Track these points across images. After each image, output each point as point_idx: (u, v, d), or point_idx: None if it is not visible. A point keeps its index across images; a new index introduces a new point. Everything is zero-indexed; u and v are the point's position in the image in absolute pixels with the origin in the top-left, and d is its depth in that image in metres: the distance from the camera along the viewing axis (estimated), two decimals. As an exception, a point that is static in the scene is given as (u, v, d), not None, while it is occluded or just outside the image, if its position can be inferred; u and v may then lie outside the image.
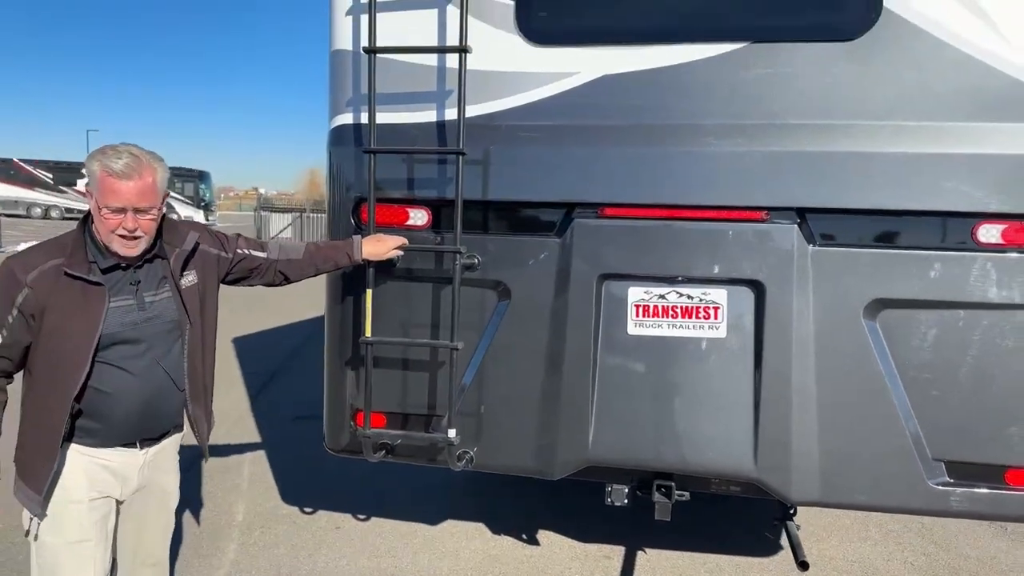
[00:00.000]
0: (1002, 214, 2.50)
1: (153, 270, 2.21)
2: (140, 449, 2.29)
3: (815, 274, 2.61)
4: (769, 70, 2.63)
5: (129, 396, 2.16)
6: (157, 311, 2.20)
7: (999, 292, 2.52)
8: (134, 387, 2.16)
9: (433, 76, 2.85)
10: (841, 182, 2.58)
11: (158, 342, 2.20)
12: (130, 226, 2.05)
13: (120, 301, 2.12)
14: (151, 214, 2.09)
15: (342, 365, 3.04)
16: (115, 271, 2.13)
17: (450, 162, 2.81)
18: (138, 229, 2.07)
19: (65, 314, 2.06)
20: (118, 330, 2.11)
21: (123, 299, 2.13)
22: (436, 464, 3.00)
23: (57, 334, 2.06)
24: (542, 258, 2.79)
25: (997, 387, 2.56)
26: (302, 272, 2.68)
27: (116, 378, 2.13)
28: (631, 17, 2.77)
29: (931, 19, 2.51)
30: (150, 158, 2.08)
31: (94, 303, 2.07)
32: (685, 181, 2.67)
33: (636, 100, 2.70)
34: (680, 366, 2.71)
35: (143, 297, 2.17)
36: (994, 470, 2.61)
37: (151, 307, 2.18)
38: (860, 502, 2.69)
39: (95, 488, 2.22)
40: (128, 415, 2.18)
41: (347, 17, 2.92)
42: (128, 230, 2.05)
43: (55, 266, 2.06)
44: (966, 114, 2.52)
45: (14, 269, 2.06)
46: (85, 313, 2.06)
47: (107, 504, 2.27)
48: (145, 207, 2.06)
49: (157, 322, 2.20)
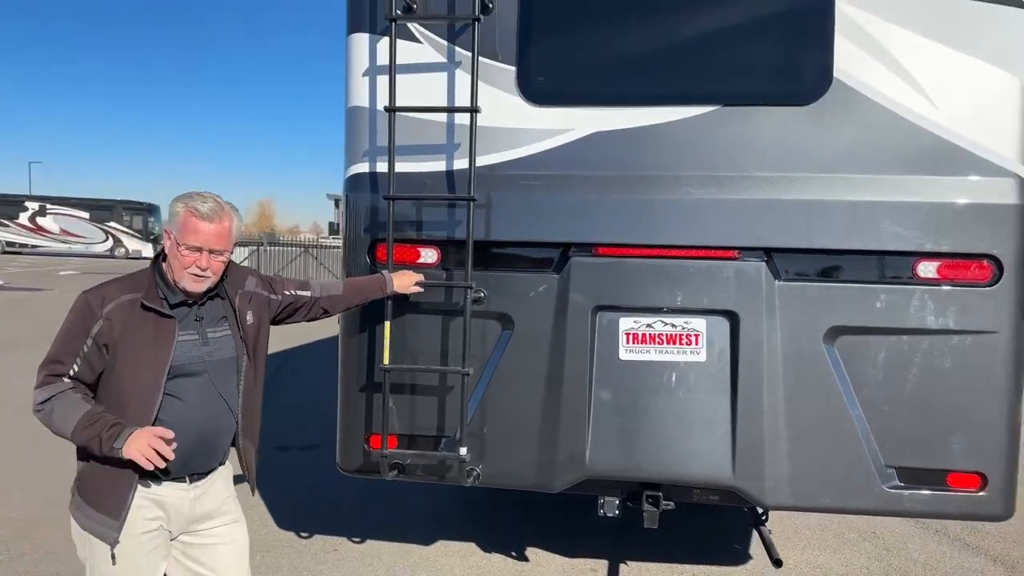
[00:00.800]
0: (936, 252, 2.94)
1: (214, 308, 2.42)
2: (189, 484, 2.40)
3: (781, 305, 3.01)
4: (738, 129, 3.05)
5: (188, 427, 2.30)
6: (218, 346, 2.39)
7: (936, 319, 2.95)
8: (193, 418, 2.32)
9: (443, 131, 3.20)
10: (801, 226, 2.99)
11: (218, 376, 2.38)
12: (203, 265, 2.27)
13: (186, 336, 2.31)
14: (223, 256, 2.32)
15: (357, 392, 3.31)
16: (181, 307, 2.33)
17: (458, 207, 3.14)
18: (209, 269, 2.29)
19: (137, 345, 2.24)
20: (184, 362, 2.29)
21: (188, 334, 2.32)
22: (445, 481, 3.27)
23: (129, 363, 2.24)
24: (542, 291, 3.13)
25: (938, 401, 2.98)
26: (342, 306, 2.94)
27: (177, 408, 2.29)
28: (618, 82, 3.17)
29: (873, 88, 2.96)
30: (229, 207, 2.33)
31: (165, 335, 2.27)
32: (668, 224, 3.05)
33: (624, 154, 3.09)
34: (666, 387, 3.06)
35: (206, 333, 2.37)
36: (937, 474, 3.01)
37: (213, 342, 2.38)
38: (824, 505, 3.06)
39: (151, 521, 2.32)
40: (187, 444, 2.30)
41: (364, 78, 3.25)
42: (201, 268, 2.27)
43: (130, 299, 2.26)
44: (904, 168, 2.96)
45: (90, 301, 2.26)
46: (156, 344, 2.26)
47: (161, 537, 2.37)
48: (219, 249, 2.29)
49: (218, 357, 2.38)
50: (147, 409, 2.25)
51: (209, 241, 2.26)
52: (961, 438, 2.98)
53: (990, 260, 2.94)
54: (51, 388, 2.24)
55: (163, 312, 2.29)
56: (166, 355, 2.26)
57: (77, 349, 2.24)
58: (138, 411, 2.24)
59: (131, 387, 2.25)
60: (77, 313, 2.27)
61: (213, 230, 2.26)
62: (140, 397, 2.25)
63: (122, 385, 2.26)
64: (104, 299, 2.27)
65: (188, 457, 2.36)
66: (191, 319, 2.36)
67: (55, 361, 2.25)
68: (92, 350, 2.24)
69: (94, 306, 2.26)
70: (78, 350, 2.24)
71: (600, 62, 3.19)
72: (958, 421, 2.97)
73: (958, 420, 2.97)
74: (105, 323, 2.24)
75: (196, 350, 2.34)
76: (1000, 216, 2.92)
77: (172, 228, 2.29)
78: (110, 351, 2.25)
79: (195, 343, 2.34)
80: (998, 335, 2.95)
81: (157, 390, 2.25)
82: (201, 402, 2.36)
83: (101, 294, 2.29)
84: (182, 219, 2.26)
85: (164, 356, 2.26)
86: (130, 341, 2.25)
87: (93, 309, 2.25)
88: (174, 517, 2.39)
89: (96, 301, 2.26)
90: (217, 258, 2.30)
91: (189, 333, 2.34)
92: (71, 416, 2.20)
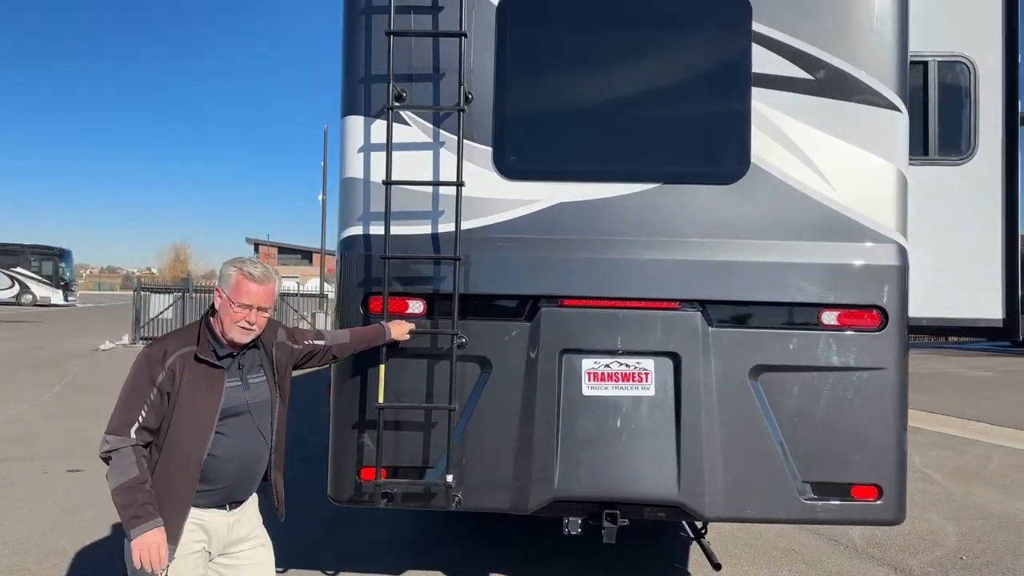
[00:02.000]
0: (836, 304, 3.62)
1: (252, 357, 2.82)
2: (228, 511, 2.77)
3: (714, 347, 3.62)
4: (676, 202, 3.69)
5: (234, 460, 2.70)
6: (257, 391, 2.79)
7: (838, 359, 3.61)
8: (238, 452, 2.71)
9: (429, 200, 3.71)
10: (728, 282, 3.63)
11: (258, 416, 2.78)
12: (252, 320, 2.68)
13: (231, 382, 2.72)
14: (267, 313, 2.74)
15: (350, 429, 3.71)
16: (227, 357, 2.73)
17: (443, 264, 3.65)
18: (256, 324, 2.71)
19: (193, 391, 2.62)
20: (230, 405, 2.69)
21: (233, 380, 2.73)
22: (430, 507, 3.69)
23: (186, 408, 2.61)
24: (515, 337, 3.65)
25: (842, 426, 3.62)
26: (348, 352, 3.38)
27: (225, 444, 2.68)
28: (578, 162, 3.78)
29: (782, 171, 3.66)
30: (273, 271, 2.76)
31: (215, 382, 2.67)
32: (621, 280, 3.63)
33: (583, 221, 3.67)
34: (622, 418, 3.60)
35: (247, 379, 2.77)
36: (844, 487, 3.63)
37: (252, 387, 2.78)
38: (754, 516, 3.64)
39: (196, 543, 2.68)
40: (231, 475, 2.70)
41: (358, 154, 3.75)
42: (249, 323, 2.68)
43: (186, 352, 2.65)
44: (808, 235, 3.65)
45: (152, 355, 2.64)
46: (209, 390, 2.65)
47: (203, 557, 2.72)
48: (265, 307, 2.71)
49: (257, 400, 2.78)
50: (201, 446, 2.62)
51: (258, 300, 2.68)
52: (861, 456, 3.62)
53: (878, 310, 3.63)
54: (117, 440, 2.57)
55: (214, 363, 2.68)
56: (217, 400, 2.65)
57: (144, 398, 2.59)
58: (193, 448, 2.62)
59: (187, 428, 2.62)
60: (141, 367, 2.63)
61: (262, 291, 2.69)
62: (195, 436, 2.63)
63: (179, 426, 2.62)
64: (165, 353, 2.64)
65: (232, 487, 2.75)
66: (235, 367, 2.75)
67: (125, 409, 2.59)
68: (156, 398, 2.60)
69: (156, 360, 2.62)
70: (145, 399, 2.59)
71: (563, 145, 3.80)
72: (858, 442, 3.62)
73: (858, 441, 3.62)
74: (167, 374, 2.61)
75: (240, 394, 2.74)
76: (885, 275, 3.64)
77: (224, 288, 2.69)
78: (171, 398, 2.61)
79: (239, 388, 2.74)
80: (887, 370, 3.63)
81: (210, 430, 2.63)
82: (244, 439, 2.74)
83: (162, 348, 2.66)
84: (235, 281, 2.67)
85: (215, 401, 2.65)
86: (187, 388, 2.62)
87: (155, 363, 2.62)
88: (214, 540, 2.75)
89: (158, 355, 2.64)
90: (263, 314, 2.72)
91: (234, 380, 2.73)
92: (119, 476, 2.54)
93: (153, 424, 2.61)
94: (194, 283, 26.39)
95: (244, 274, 2.67)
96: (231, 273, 2.69)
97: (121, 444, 2.56)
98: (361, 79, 3.74)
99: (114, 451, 2.56)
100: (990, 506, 6.70)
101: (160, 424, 2.63)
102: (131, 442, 2.57)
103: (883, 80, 3.68)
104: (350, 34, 3.80)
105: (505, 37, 3.73)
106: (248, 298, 2.67)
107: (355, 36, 3.77)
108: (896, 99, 3.69)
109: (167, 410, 2.62)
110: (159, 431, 2.63)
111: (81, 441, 8.78)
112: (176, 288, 25.19)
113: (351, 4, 3.81)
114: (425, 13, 3.71)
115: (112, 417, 2.62)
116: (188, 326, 2.81)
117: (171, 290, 25.01)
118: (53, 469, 7.50)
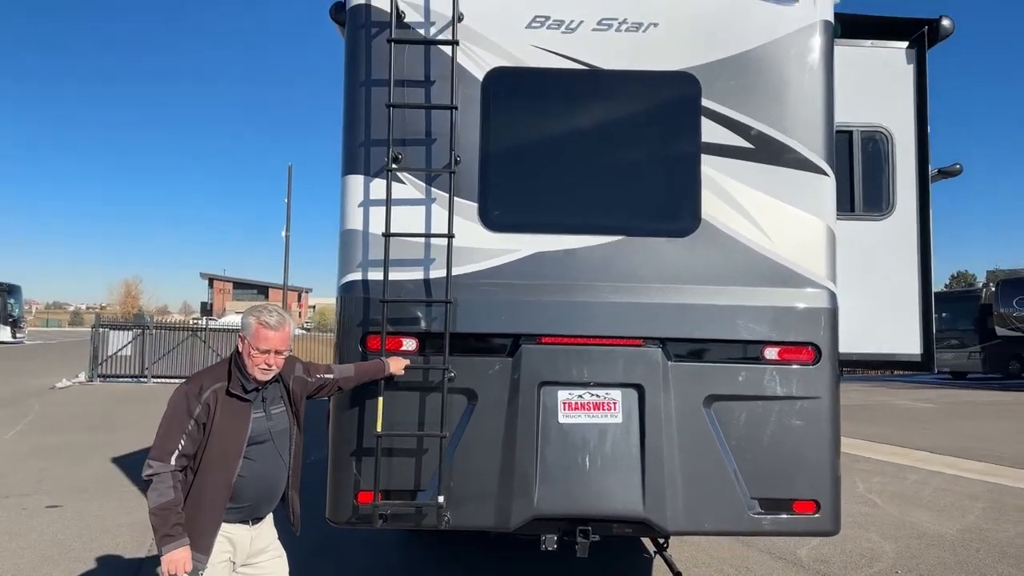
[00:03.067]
0: (777, 341, 4.17)
1: (273, 391, 3.25)
2: (251, 525, 3.20)
3: (673, 379, 4.12)
4: (638, 253, 4.22)
5: (258, 481, 3.12)
6: (277, 420, 3.23)
7: (779, 389, 4.15)
8: (262, 474, 3.14)
9: (421, 249, 4.18)
10: (684, 321, 4.15)
11: (279, 443, 3.21)
12: (271, 362, 3.12)
13: (256, 413, 3.14)
14: (284, 354, 3.18)
15: (348, 456, 4.09)
16: (253, 391, 3.16)
17: (434, 306, 4.10)
18: (274, 365, 3.14)
19: (225, 421, 3.04)
20: (256, 434, 3.11)
21: (258, 411, 3.15)
22: (421, 527, 4.08)
23: (218, 436, 3.02)
24: (499, 371, 4.10)
25: (784, 449, 4.13)
26: (352, 384, 3.79)
27: (251, 468, 3.10)
28: (554, 217, 4.29)
29: (728, 226, 4.22)
30: (288, 316, 3.20)
31: (243, 414, 3.09)
32: (591, 320, 4.13)
33: (558, 268, 4.17)
34: (594, 443, 4.06)
35: (269, 410, 3.20)
36: (787, 502, 4.13)
37: (274, 417, 3.21)
38: (709, 529, 4.12)
39: (223, 553, 3.09)
40: (255, 494, 3.12)
41: (358, 208, 4.21)
42: (268, 365, 3.12)
43: (220, 387, 3.07)
44: (752, 282, 4.21)
45: (189, 391, 3.05)
46: (237, 421, 3.07)
47: (229, 567, 3.14)
48: (282, 350, 3.15)
49: (278, 428, 3.21)
50: (231, 469, 3.03)
51: (275, 344, 3.12)
52: (800, 475, 4.13)
53: (813, 347, 4.19)
54: (159, 466, 2.98)
55: (243, 397, 3.11)
56: (245, 429, 3.08)
57: (183, 429, 3.00)
58: (224, 471, 3.03)
59: (219, 453, 3.04)
60: (180, 402, 3.04)
61: (278, 336, 3.13)
62: (225, 461, 3.04)
63: (213, 452, 3.03)
64: (201, 388, 3.06)
65: (256, 505, 3.16)
66: (259, 400, 3.18)
67: (166, 438, 2.99)
68: (193, 428, 3.01)
69: (193, 395, 3.04)
70: (184, 429, 3.00)
71: (540, 202, 4.32)
72: (798, 462, 4.14)
73: (798, 461, 4.14)
74: (203, 407, 3.03)
75: (264, 424, 3.16)
76: (818, 316, 4.20)
77: (246, 335, 3.13)
78: (206, 428, 3.03)
79: (263, 418, 3.16)
80: (822, 399, 4.17)
81: (239, 456, 3.05)
82: (267, 463, 3.16)
83: (198, 384, 3.08)
84: (254, 329, 3.11)
85: (243, 430, 3.07)
86: (220, 419, 3.04)
87: (192, 398, 3.03)
88: (239, 551, 3.15)
89: (194, 391, 3.05)
90: (280, 356, 3.16)
91: (258, 411, 3.16)
92: (158, 498, 2.95)
93: (190, 451, 3.01)
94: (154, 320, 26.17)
95: (261, 323, 3.11)
96: (250, 322, 3.14)
97: (162, 469, 2.96)
98: (361, 143, 4.22)
99: (156, 475, 2.96)
100: (924, 526, 7.30)
101: (196, 450, 3.02)
102: (170, 468, 2.97)
103: (813, 148, 4.29)
104: (351, 104, 4.29)
105: (488, 109, 4.25)
106: (266, 343, 3.11)
107: (356, 106, 4.26)
108: (824, 165, 4.30)
109: (202, 438, 3.02)
110: (195, 456, 3.03)
111: (54, 479, 8.89)
112: (135, 325, 25.02)
113: (352, 76, 4.30)
114: (419, 87, 4.22)
115: (154, 445, 3.02)
116: (218, 364, 3.23)
117: (130, 327, 24.84)
118: (31, 506, 7.62)
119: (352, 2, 4.33)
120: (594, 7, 4.30)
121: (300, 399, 3.37)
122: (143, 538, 6.32)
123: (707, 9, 4.33)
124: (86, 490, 8.38)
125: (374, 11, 4.26)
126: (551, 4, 4.29)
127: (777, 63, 4.32)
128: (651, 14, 4.31)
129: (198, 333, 25.45)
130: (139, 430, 12.76)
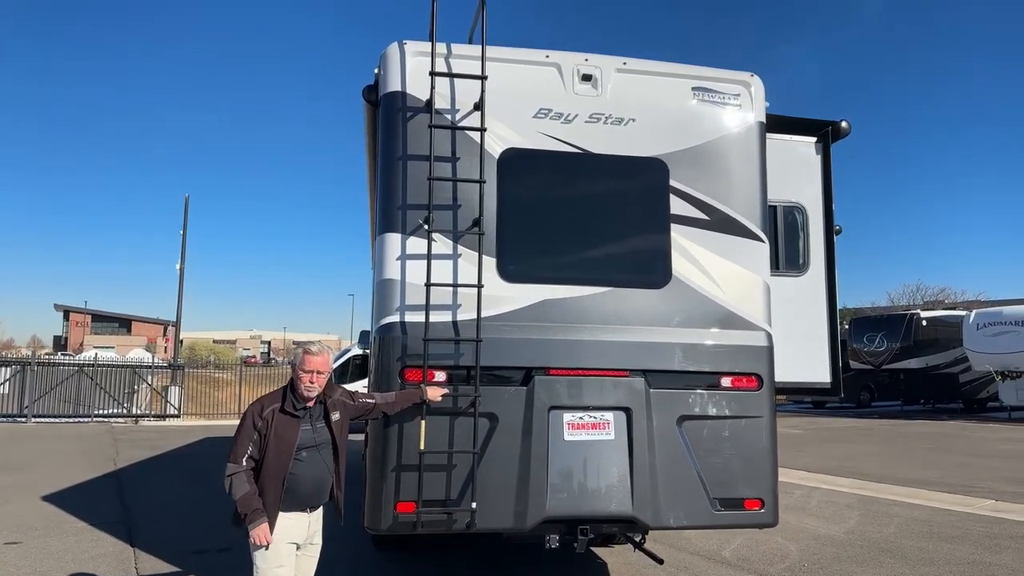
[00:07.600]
0: (730, 372, 5.28)
1: (318, 410, 4.10)
2: (308, 513, 4.06)
3: (654, 403, 5.12)
4: (623, 300, 5.23)
5: (307, 478, 3.97)
6: (320, 433, 4.08)
7: (733, 410, 5.24)
8: (310, 474, 3.99)
9: (449, 296, 4.99)
10: (661, 356, 5.18)
11: (322, 450, 4.06)
12: (313, 380, 3.99)
13: (304, 427, 3.99)
14: (324, 376, 4.03)
15: (389, 471, 4.79)
16: (301, 410, 3.99)
17: (463, 344, 4.91)
18: (315, 384, 4.00)
19: (279, 433, 3.90)
20: (303, 443, 3.97)
21: (305, 425, 4.01)
22: (451, 531, 4.83)
23: (274, 444, 3.88)
24: (515, 397, 4.95)
25: (738, 458, 5.21)
26: (393, 410, 4.58)
27: (301, 468, 3.96)
28: (557, 271, 5.23)
29: (693, 281, 5.33)
30: (327, 347, 4.10)
31: (294, 427, 3.94)
32: (589, 355, 5.08)
33: (562, 312, 5.11)
34: (593, 456, 4.98)
35: (315, 425, 4.06)
36: (739, 501, 5.20)
37: (317, 431, 4.07)
38: (684, 524, 5.11)
39: (288, 535, 3.92)
40: (307, 488, 3.98)
41: (396, 261, 4.99)
42: (311, 383, 3.98)
43: (276, 406, 3.94)
44: (710, 325, 5.31)
45: (254, 410, 3.93)
46: (289, 432, 3.92)
47: (293, 547, 3.98)
48: (323, 371, 4.02)
49: (320, 439, 4.06)
50: (284, 469, 3.88)
51: (316, 366, 4.03)
52: (749, 478, 5.23)
53: (756, 376, 5.33)
54: (234, 467, 3.88)
55: (293, 413, 3.98)
56: (295, 438, 3.95)
57: (250, 438, 3.89)
58: (279, 471, 3.87)
59: (275, 457, 3.90)
60: (248, 418, 3.92)
61: (319, 360, 4.04)
62: (280, 463, 3.90)
63: (270, 457, 3.89)
64: (262, 408, 3.95)
65: (308, 496, 4.03)
66: (307, 416, 4.04)
67: (239, 446, 3.86)
68: (257, 438, 3.88)
69: (256, 413, 3.94)
70: (251, 439, 3.89)
71: (547, 259, 5.26)
72: (747, 468, 5.23)
73: (747, 467, 5.23)
74: (263, 422, 3.91)
75: (309, 435, 4.03)
76: (759, 352, 5.36)
77: (296, 362, 4.04)
78: (266, 438, 3.88)
79: (309, 431, 4.04)
80: (763, 418, 5.30)
81: (290, 458, 3.91)
82: (313, 465, 4.04)
83: (260, 405, 3.97)
84: (302, 356, 4.03)
85: (293, 439, 3.95)
86: (276, 431, 3.91)
87: (256, 415, 3.92)
88: (298, 534, 4.01)
89: (258, 410, 3.95)
90: (321, 376, 4.04)
91: (305, 425, 4.02)
92: (239, 490, 3.82)
93: (256, 455, 3.89)
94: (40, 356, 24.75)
95: (306, 351, 4.07)
96: (299, 352, 4.10)
97: (238, 469, 3.86)
98: (399, 207, 5.02)
99: (234, 474, 3.84)
100: (817, 530, 8.68)
101: (260, 455, 3.88)
102: (243, 468, 3.86)
103: (752, 220, 5.50)
104: (389, 173, 5.09)
105: (504, 181, 5.18)
106: (310, 365, 4.03)
107: (394, 176, 5.07)
108: (761, 233, 5.51)
109: (263, 444, 3.88)
110: (260, 460, 3.89)
111: (-7, 518, 8.74)
112: (16, 361, 23.57)
113: (389, 152, 5.11)
114: (447, 162, 5.09)
115: (231, 451, 3.88)
116: (276, 390, 4.12)
117: (9, 363, 23.39)
118: (-12, 543, 7.57)
119: (389, 88, 5.16)
120: (586, 104, 5.36)
121: (342, 418, 4.23)
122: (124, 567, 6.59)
123: (672, 110, 5.49)
124: (35, 527, 8.34)
125: (409, 98, 5.10)
126: (553, 100, 5.31)
127: (725, 153, 5.53)
128: (630, 112, 5.41)
129: (84, 369, 24.29)
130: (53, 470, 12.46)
